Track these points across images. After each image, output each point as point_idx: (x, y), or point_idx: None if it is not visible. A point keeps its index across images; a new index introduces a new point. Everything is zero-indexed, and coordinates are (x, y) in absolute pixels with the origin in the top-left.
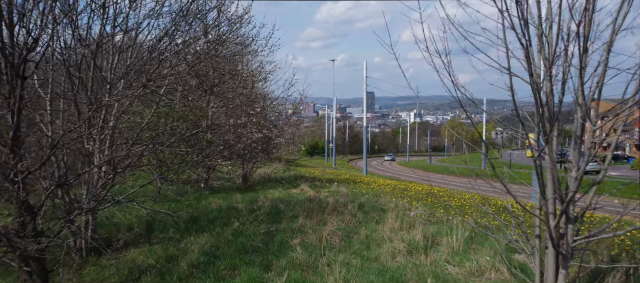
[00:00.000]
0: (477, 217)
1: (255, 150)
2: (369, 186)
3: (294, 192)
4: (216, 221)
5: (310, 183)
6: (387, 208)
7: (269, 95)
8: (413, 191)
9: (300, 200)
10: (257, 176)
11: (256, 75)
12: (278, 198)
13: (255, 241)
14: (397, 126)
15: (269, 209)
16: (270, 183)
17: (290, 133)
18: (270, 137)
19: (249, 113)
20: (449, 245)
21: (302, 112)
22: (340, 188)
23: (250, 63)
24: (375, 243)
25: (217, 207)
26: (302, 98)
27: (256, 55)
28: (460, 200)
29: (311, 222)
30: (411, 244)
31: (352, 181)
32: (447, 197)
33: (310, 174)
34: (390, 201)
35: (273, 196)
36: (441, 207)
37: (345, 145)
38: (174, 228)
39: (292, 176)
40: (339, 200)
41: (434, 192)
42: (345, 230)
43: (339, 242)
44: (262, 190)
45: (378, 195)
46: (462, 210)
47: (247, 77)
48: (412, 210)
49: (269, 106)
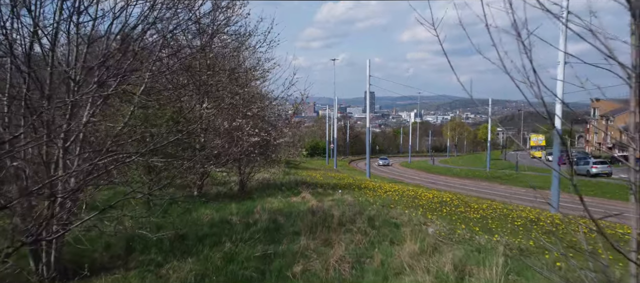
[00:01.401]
0: (502, 230)
1: (253, 155)
2: (375, 193)
3: (294, 200)
4: (206, 239)
5: (312, 189)
6: (400, 222)
7: (267, 95)
8: (424, 199)
9: (301, 212)
10: (255, 182)
11: (253, 73)
12: (277, 209)
13: (249, 269)
14: (397, 126)
15: (266, 224)
16: (269, 190)
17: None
18: (268, 140)
19: (246, 114)
20: (486, 279)
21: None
22: (345, 196)
23: (248, 60)
24: (393, 273)
25: (208, 221)
26: (303, 98)
27: (254, 52)
28: (478, 210)
29: (315, 242)
30: (439, 277)
31: (356, 186)
32: (463, 206)
33: (311, 179)
34: (402, 213)
35: (271, 206)
36: (460, 219)
37: (346, 146)
38: (157, 247)
39: (293, 181)
40: (345, 213)
41: (446, 199)
42: (355, 253)
43: (350, 271)
44: (259, 198)
45: (387, 204)
46: (485, 225)
47: (243, 75)
48: (429, 225)
49: (268, 106)
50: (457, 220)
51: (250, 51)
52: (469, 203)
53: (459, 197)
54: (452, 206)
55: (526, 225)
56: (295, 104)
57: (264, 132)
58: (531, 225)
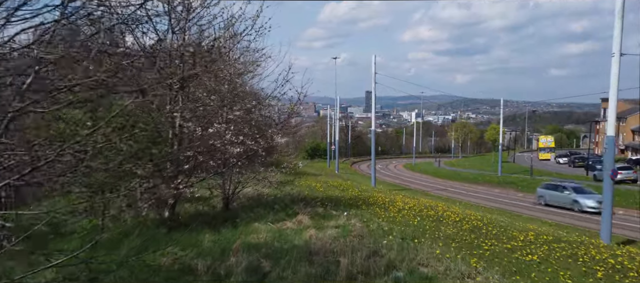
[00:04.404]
0: None
1: (237, 168)
2: (387, 212)
3: (288, 226)
4: None
5: (311, 208)
6: (434, 274)
7: (257, 93)
8: (449, 221)
9: (296, 248)
10: (244, 197)
11: (238, 66)
12: (263, 243)
13: None
14: (399, 126)
15: (244, 277)
16: (259, 209)
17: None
18: (256, 150)
19: (227, 118)
20: None
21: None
22: (353, 221)
23: (232, 51)
24: None
25: (164, 272)
26: (300, 97)
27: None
28: (530, 246)
29: None
30: None
31: (363, 201)
32: (504, 236)
33: (310, 190)
34: (431, 255)
35: (257, 239)
36: (511, 262)
37: (348, 147)
38: None
39: (288, 196)
40: (355, 257)
41: (478, 224)
42: None
43: None
44: (244, 223)
45: (408, 237)
46: (553, 276)
47: (225, 69)
48: (475, 277)
49: (256, 108)
50: (508, 263)
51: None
52: (509, 230)
53: (489, 220)
54: (489, 236)
55: (608, 274)
56: (291, 105)
57: (250, 140)
58: (612, 272)
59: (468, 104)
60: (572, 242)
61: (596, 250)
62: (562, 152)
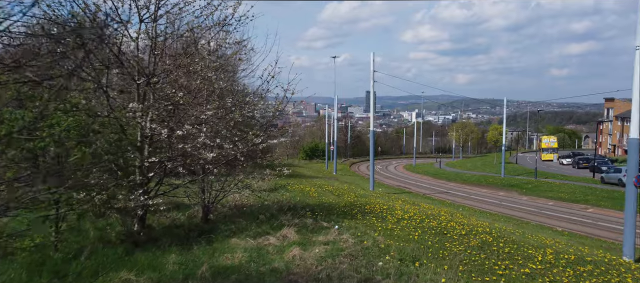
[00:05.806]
0: None
1: (212, 174)
2: (384, 223)
3: (270, 242)
4: None
5: (298, 219)
6: None
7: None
8: (455, 238)
9: (274, 274)
10: (226, 206)
11: (211, 59)
12: (236, 266)
13: None
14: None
15: None
16: (241, 220)
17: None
18: (236, 155)
19: (200, 118)
20: None
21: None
22: (344, 236)
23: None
24: None
25: None
26: (286, 95)
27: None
28: (556, 271)
29: None
30: None
31: (358, 209)
32: (519, 255)
33: (302, 196)
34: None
35: (230, 260)
36: None
37: (347, 147)
38: None
39: (277, 203)
40: None
41: (488, 239)
42: None
43: None
44: (219, 240)
45: (407, 258)
46: None
47: (198, 62)
48: None
49: (236, 106)
50: None
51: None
52: (523, 246)
53: (499, 232)
54: (502, 256)
55: None
56: (277, 104)
57: (228, 143)
58: None
59: (469, 104)
60: (598, 263)
61: (630, 274)
62: (564, 152)
